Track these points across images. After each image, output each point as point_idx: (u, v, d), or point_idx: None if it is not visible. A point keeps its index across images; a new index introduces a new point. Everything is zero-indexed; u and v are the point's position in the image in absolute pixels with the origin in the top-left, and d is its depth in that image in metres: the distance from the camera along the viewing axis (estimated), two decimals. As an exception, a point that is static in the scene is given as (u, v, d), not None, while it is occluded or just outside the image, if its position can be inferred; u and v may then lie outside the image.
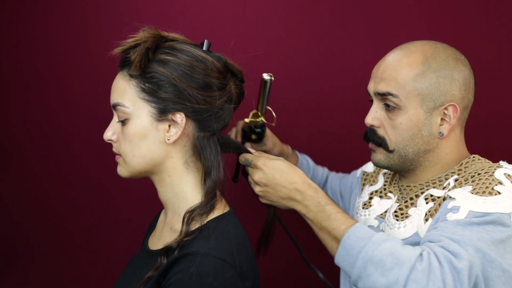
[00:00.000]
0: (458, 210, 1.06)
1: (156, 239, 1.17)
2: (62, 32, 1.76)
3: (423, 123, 1.18)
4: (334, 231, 1.10)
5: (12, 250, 1.85)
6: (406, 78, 1.17)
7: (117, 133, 1.08)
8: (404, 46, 1.23)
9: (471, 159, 1.22)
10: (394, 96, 1.18)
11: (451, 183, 1.16)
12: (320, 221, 1.13)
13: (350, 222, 1.10)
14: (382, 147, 1.23)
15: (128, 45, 1.05)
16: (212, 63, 1.07)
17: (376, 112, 1.22)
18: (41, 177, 1.82)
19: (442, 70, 1.17)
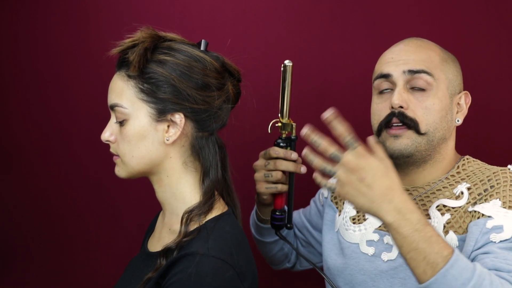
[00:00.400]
0: (502, 230, 1.05)
1: (155, 240, 1.17)
2: (62, 32, 1.76)
3: (448, 107, 1.19)
4: (435, 256, 0.96)
5: (12, 250, 1.86)
6: (435, 60, 1.18)
7: (115, 133, 1.08)
8: (411, 38, 1.25)
9: (467, 161, 1.22)
10: (428, 74, 1.17)
11: (465, 192, 1.14)
12: (416, 241, 0.97)
13: (449, 249, 0.98)
14: (412, 129, 1.17)
15: (126, 46, 1.05)
16: (210, 63, 1.07)
17: (403, 93, 1.17)
18: (41, 177, 1.82)
19: (455, 62, 1.22)
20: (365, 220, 1.26)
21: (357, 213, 1.29)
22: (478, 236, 1.07)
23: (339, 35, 1.74)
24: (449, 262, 0.95)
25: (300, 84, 1.76)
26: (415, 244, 0.97)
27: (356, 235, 1.26)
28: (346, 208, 1.32)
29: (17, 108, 1.80)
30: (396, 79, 1.19)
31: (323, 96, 1.76)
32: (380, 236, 1.22)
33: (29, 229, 1.84)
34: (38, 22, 1.77)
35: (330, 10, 1.74)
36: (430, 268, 0.96)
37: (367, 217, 1.26)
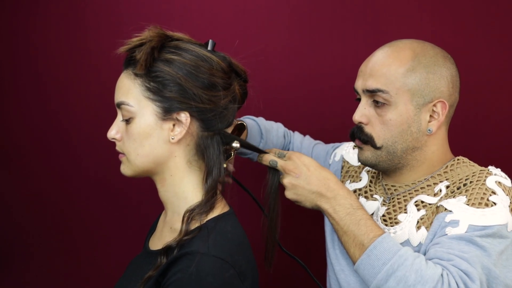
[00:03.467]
0: (457, 224, 1.07)
1: (157, 239, 1.18)
2: (62, 32, 1.77)
3: (412, 119, 1.18)
4: (361, 238, 1.09)
5: (12, 250, 1.85)
6: (396, 73, 1.17)
7: (121, 131, 1.09)
8: (392, 44, 1.24)
9: (456, 161, 1.22)
10: (384, 92, 1.17)
11: (443, 190, 1.17)
12: (348, 224, 1.12)
13: (378, 231, 1.09)
14: (369, 144, 1.22)
15: (133, 44, 1.05)
16: (217, 63, 1.07)
17: (364, 109, 1.22)
18: (41, 176, 1.82)
19: (432, 66, 1.18)
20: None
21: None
22: (438, 229, 1.10)
23: (340, 35, 1.75)
24: (373, 243, 1.06)
25: (300, 84, 1.77)
26: (346, 227, 1.12)
27: None
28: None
29: (17, 107, 1.80)
30: (360, 94, 1.24)
31: (324, 96, 1.77)
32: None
33: (29, 229, 1.84)
34: (37, 21, 1.77)
35: (330, 10, 1.74)
36: (358, 249, 1.09)
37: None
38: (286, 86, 1.76)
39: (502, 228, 1.06)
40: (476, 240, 1.04)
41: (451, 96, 1.21)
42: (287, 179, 1.19)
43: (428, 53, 1.19)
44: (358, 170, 1.40)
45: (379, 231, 1.09)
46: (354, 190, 1.35)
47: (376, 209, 1.26)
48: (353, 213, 1.12)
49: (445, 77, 1.19)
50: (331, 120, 1.77)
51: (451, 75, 1.20)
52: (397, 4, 1.72)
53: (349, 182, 1.39)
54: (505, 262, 1.07)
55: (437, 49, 1.22)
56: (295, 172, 1.18)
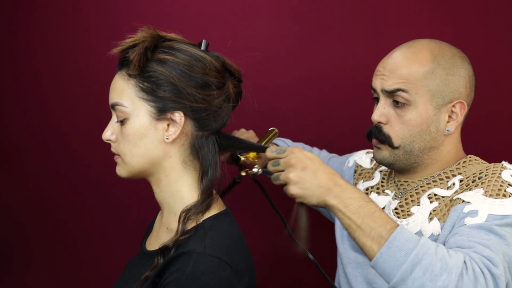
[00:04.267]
0: (476, 214, 1.07)
1: (153, 239, 1.18)
2: (61, 32, 1.77)
3: (432, 119, 1.19)
4: (379, 229, 1.02)
5: (11, 250, 1.86)
6: (416, 75, 1.18)
7: (116, 133, 1.09)
8: (410, 44, 1.24)
9: (468, 159, 1.24)
10: (404, 92, 1.18)
11: (456, 184, 1.18)
12: (362, 216, 1.04)
13: (394, 223, 1.04)
14: (386, 144, 1.23)
15: (126, 45, 1.05)
16: (210, 62, 1.07)
17: (383, 109, 1.23)
18: (40, 176, 1.83)
19: (451, 67, 1.20)
20: None
21: None
22: (456, 220, 1.10)
23: (340, 35, 1.75)
24: (393, 234, 1.00)
25: (300, 84, 1.77)
26: (360, 220, 1.04)
27: None
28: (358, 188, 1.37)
29: (16, 107, 1.80)
30: (379, 94, 1.24)
31: (324, 96, 1.77)
32: None
33: (28, 230, 1.84)
34: (37, 21, 1.77)
35: (330, 10, 1.74)
36: (376, 242, 1.02)
37: None
38: (284, 86, 1.76)
39: None
40: (496, 229, 1.04)
41: (468, 96, 1.23)
42: (292, 172, 1.10)
43: (447, 54, 1.21)
44: (371, 171, 1.42)
45: (394, 223, 1.04)
46: (366, 188, 1.37)
47: (388, 203, 1.27)
48: (365, 206, 1.06)
49: (463, 77, 1.21)
50: (331, 120, 1.77)
51: (469, 75, 1.22)
52: (397, 5, 1.72)
53: (362, 181, 1.40)
54: None
55: (454, 50, 1.23)
56: (301, 165, 1.10)
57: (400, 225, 1.03)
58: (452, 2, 1.71)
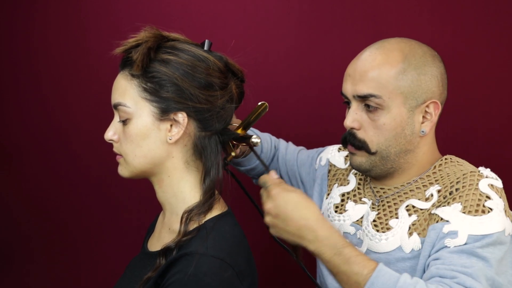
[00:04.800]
0: (456, 235, 1.06)
1: (155, 240, 1.17)
2: (61, 32, 1.77)
3: (406, 122, 1.16)
4: (356, 277, 1.02)
5: (11, 250, 1.86)
6: (387, 77, 1.15)
7: (118, 133, 1.09)
8: (379, 45, 1.21)
9: (444, 161, 1.21)
10: (376, 97, 1.15)
11: (435, 195, 1.15)
12: (337, 264, 1.05)
13: (372, 265, 1.03)
14: (363, 150, 1.20)
15: (129, 45, 1.05)
16: (213, 63, 1.07)
17: (355, 114, 1.19)
18: (40, 176, 1.82)
19: (422, 67, 1.16)
20: (345, 211, 1.29)
21: (340, 201, 1.32)
22: (436, 241, 1.09)
23: (340, 35, 1.74)
24: (370, 280, 1.01)
25: (300, 84, 1.77)
26: (337, 268, 1.05)
27: (335, 224, 1.29)
28: (333, 193, 1.35)
29: (16, 107, 1.80)
30: (350, 99, 1.20)
31: (324, 96, 1.77)
32: (355, 229, 1.25)
33: (28, 230, 1.84)
34: (37, 21, 1.77)
35: (330, 10, 1.74)
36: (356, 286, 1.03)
37: (347, 209, 1.29)
38: (286, 87, 1.76)
39: (501, 235, 1.06)
40: (478, 252, 1.03)
41: (441, 95, 1.19)
42: (267, 217, 1.11)
43: (417, 53, 1.17)
44: (345, 173, 1.37)
45: (372, 265, 1.03)
46: (342, 193, 1.33)
47: (366, 213, 1.24)
48: (339, 253, 1.04)
49: (435, 76, 1.17)
50: (331, 120, 1.77)
51: (440, 73, 1.19)
52: (397, 5, 1.72)
53: (337, 185, 1.36)
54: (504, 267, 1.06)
55: (424, 48, 1.20)
56: (273, 213, 1.09)
57: (378, 267, 1.02)
58: (452, 2, 1.71)
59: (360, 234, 1.23)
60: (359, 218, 1.25)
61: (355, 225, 1.25)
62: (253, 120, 1.20)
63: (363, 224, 1.23)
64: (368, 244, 1.20)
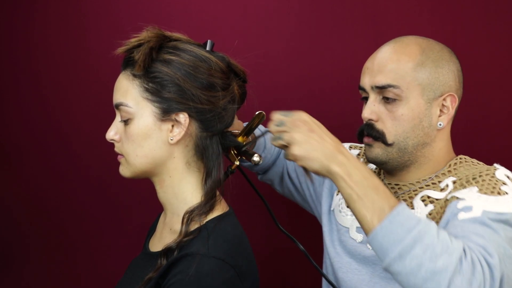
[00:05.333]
0: (471, 209, 1.05)
1: (156, 240, 1.17)
2: (62, 32, 1.77)
3: (424, 113, 1.18)
4: (381, 202, 0.97)
5: (11, 251, 1.85)
6: (406, 68, 1.17)
7: (120, 133, 1.08)
8: (397, 40, 1.24)
9: (459, 160, 1.22)
10: (395, 88, 1.17)
11: (450, 185, 1.16)
12: (365, 187, 0.99)
13: (396, 199, 1.00)
14: (380, 141, 1.20)
15: (131, 45, 1.05)
16: (215, 63, 1.07)
17: (373, 106, 1.20)
18: (40, 176, 1.82)
19: (440, 60, 1.19)
20: None
21: None
22: (450, 216, 1.08)
23: (340, 35, 1.75)
24: (396, 209, 0.96)
25: (300, 84, 1.77)
26: (363, 191, 0.99)
27: (348, 219, 1.29)
28: None
29: (16, 107, 1.80)
30: (368, 92, 1.22)
31: (324, 97, 1.77)
32: None
33: (28, 229, 1.84)
34: (37, 21, 1.77)
35: (330, 10, 1.74)
36: (377, 215, 0.97)
37: None
38: (286, 86, 1.76)
39: None
40: (490, 223, 1.01)
41: (458, 90, 1.21)
42: (299, 133, 1.03)
43: (435, 48, 1.20)
44: None
45: (396, 200, 1.00)
46: None
47: None
48: (369, 178, 1.00)
49: (452, 71, 1.20)
50: (332, 120, 1.76)
51: (457, 69, 1.22)
52: (397, 5, 1.72)
53: None
54: None
55: (441, 45, 1.23)
56: (308, 127, 1.04)
57: (402, 202, 0.99)
58: (452, 2, 1.71)
59: None
60: None
61: None
62: (253, 128, 1.21)
63: None
64: None
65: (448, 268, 0.91)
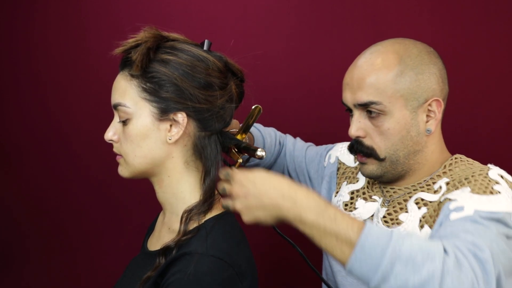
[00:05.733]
0: (462, 209, 1.04)
1: (155, 240, 1.17)
2: (61, 31, 1.77)
3: (410, 123, 1.15)
4: (345, 233, 0.94)
5: (10, 251, 1.86)
6: (385, 81, 1.14)
7: (118, 133, 1.09)
8: (373, 49, 1.20)
9: (454, 160, 1.21)
10: (377, 104, 1.14)
11: (443, 187, 1.15)
12: (323, 225, 0.95)
13: (359, 222, 0.96)
14: (372, 157, 1.19)
15: (129, 45, 1.05)
16: (213, 63, 1.07)
17: (359, 122, 1.18)
18: (40, 176, 1.82)
19: (419, 66, 1.15)
20: (355, 209, 1.28)
21: (349, 199, 1.31)
22: (442, 219, 1.07)
23: (340, 35, 1.75)
24: (363, 233, 0.93)
25: (300, 84, 1.77)
26: (322, 229, 0.95)
27: None
28: (342, 191, 1.34)
29: (16, 107, 1.80)
30: (351, 108, 1.20)
31: (324, 97, 1.77)
32: None
33: (27, 229, 1.84)
34: (37, 21, 1.77)
35: (330, 10, 1.74)
36: (346, 245, 0.94)
37: (357, 206, 1.28)
38: (285, 86, 1.76)
39: (507, 216, 1.04)
40: (481, 221, 1.00)
41: (442, 91, 1.18)
42: (238, 204, 1.02)
43: (412, 53, 1.16)
44: (354, 171, 1.37)
45: (359, 222, 0.96)
46: (351, 191, 1.32)
47: (376, 211, 1.24)
48: (324, 212, 0.96)
49: (433, 74, 1.16)
50: (331, 120, 1.77)
51: (439, 69, 1.18)
52: (397, 5, 1.72)
53: (345, 183, 1.36)
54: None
55: (419, 46, 1.19)
56: (242, 194, 1.01)
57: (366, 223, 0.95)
58: (452, 2, 1.71)
59: None
60: (370, 216, 1.25)
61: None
62: (251, 124, 1.21)
63: (373, 221, 1.23)
64: None
65: (435, 273, 0.89)
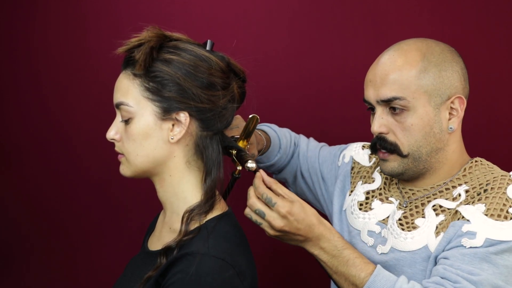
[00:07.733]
0: (474, 236, 1.06)
1: (156, 239, 1.18)
2: (61, 31, 1.77)
3: (433, 120, 1.16)
4: (353, 279, 1.09)
5: (10, 251, 1.85)
6: (409, 77, 1.15)
7: (120, 132, 1.09)
8: (396, 47, 1.21)
9: (474, 163, 1.21)
10: (400, 99, 1.15)
11: (462, 195, 1.15)
12: (336, 265, 1.11)
13: (369, 269, 1.09)
14: (395, 153, 1.19)
15: (132, 45, 1.05)
16: (215, 63, 1.07)
17: (382, 119, 1.18)
18: (40, 176, 1.82)
19: (442, 63, 1.16)
20: (371, 210, 1.28)
21: (365, 199, 1.31)
22: (453, 237, 1.09)
23: (340, 36, 1.75)
24: (367, 283, 1.07)
25: (300, 85, 1.77)
26: (334, 269, 1.11)
27: (360, 222, 1.28)
28: (357, 190, 1.34)
29: (16, 107, 1.80)
30: (374, 105, 1.20)
31: (324, 97, 1.77)
32: (381, 228, 1.24)
33: (27, 229, 1.84)
34: (37, 21, 1.77)
35: (330, 10, 1.74)
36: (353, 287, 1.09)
37: (373, 207, 1.28)
38: (286, 86, 1.76)
39: None
40: (491, 257, 1.03)
41: (464, 89, 1.19)
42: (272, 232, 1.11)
43: (435, 51, 1.18)
44: (370, 171, 1.37)
45: (370, 268, 1.09)
46: (367, 191, 1.32)
47: (392, 213, 1.23)
48: (339, 255, 1.11)
49: (456, 71, 1.18)
50: (331, 120, 1.77)
51: (461, 68, 1.19)
52: (397, 5, 1.72)
53: (361, 183, 1.35)
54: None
55: (441, 45, 1.20)
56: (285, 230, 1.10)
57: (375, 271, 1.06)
58: (452, 2, 1.71)
59: (385, 233, 1.22)
60: (385, 218, 1.25)
61: (380, 223, 1.25)
62: (252, 130, 1.22)
63: (388, 223, 1.23)
64: (392, 243, 1.19)
65: None
